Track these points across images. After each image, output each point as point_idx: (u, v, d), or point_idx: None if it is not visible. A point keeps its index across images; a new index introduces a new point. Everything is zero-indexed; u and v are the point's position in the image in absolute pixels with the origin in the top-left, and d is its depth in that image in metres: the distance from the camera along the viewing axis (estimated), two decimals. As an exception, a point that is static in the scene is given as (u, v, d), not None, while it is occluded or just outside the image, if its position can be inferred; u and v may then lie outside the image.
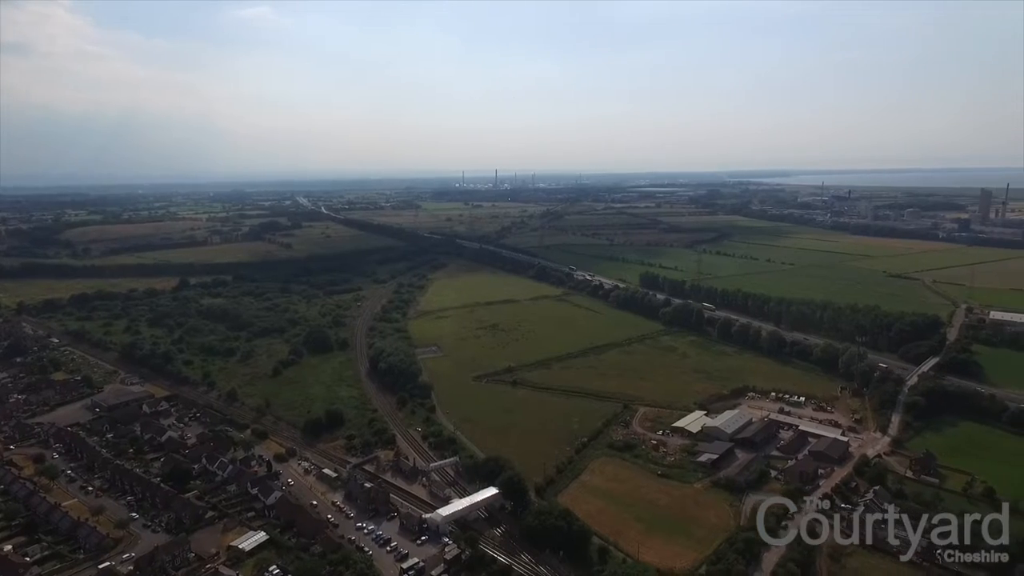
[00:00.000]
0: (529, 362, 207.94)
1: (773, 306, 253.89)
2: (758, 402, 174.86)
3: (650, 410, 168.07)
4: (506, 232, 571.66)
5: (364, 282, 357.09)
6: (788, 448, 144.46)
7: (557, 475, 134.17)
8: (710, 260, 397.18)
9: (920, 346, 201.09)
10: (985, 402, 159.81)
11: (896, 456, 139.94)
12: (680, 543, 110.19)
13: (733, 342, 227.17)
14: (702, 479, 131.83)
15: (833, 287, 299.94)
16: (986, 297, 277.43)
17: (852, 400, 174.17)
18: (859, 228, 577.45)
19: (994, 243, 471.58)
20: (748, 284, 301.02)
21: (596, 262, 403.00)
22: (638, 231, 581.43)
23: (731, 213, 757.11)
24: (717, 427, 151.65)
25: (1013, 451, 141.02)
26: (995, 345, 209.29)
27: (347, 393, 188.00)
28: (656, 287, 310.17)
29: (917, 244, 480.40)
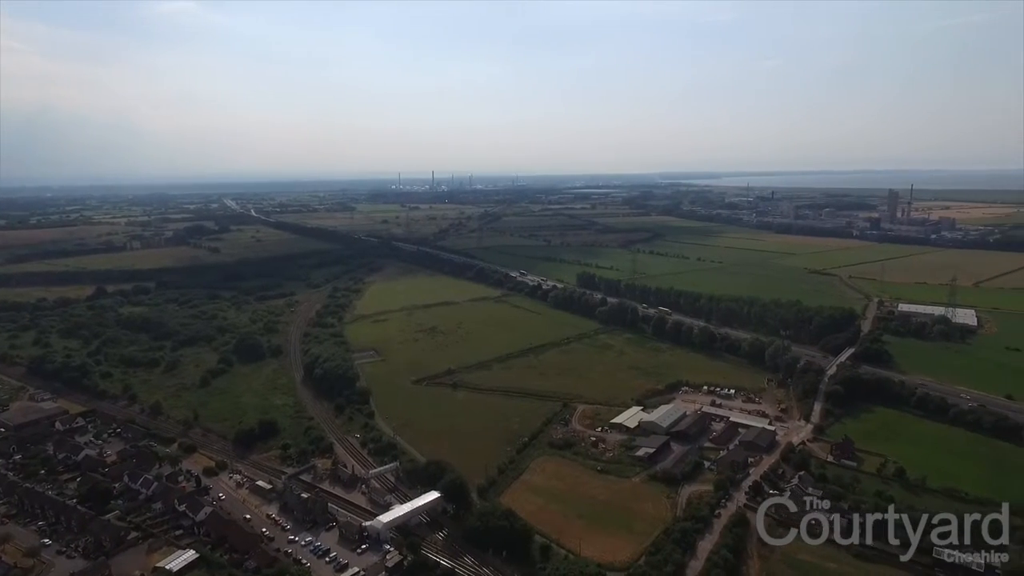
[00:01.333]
0: (469, 364, 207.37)
1: (704, 303, 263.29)
2: (691, 396, 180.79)
3: (589, 407, 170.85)
4: (444, 234, 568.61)
5: (297, 287, 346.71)
6: (720, 439, 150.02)
7: (499, 476, 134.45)
8: (644, 259, 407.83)
9: (838, 338, 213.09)
10: (896, 388, 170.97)
11: (818, 442, 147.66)
12: (620, 536, 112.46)
13: (667, 339, 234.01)
14: (640, 473, 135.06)
15: (759, 284, 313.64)
16: (895, 291, 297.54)
17: (778, 391, 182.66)
18: (782, 227, 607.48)
19: (901, 240, 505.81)
20: (680, 282, 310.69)
21: (534, 263, 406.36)
22: (575, 232, 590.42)
23: (663, 214, 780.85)
24: (653, 421, 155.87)
25: (920, 433, 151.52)
26: (903, 335, 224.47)
27: (281, 401, 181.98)
28: (593, 287, 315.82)
29: (834, 242, 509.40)
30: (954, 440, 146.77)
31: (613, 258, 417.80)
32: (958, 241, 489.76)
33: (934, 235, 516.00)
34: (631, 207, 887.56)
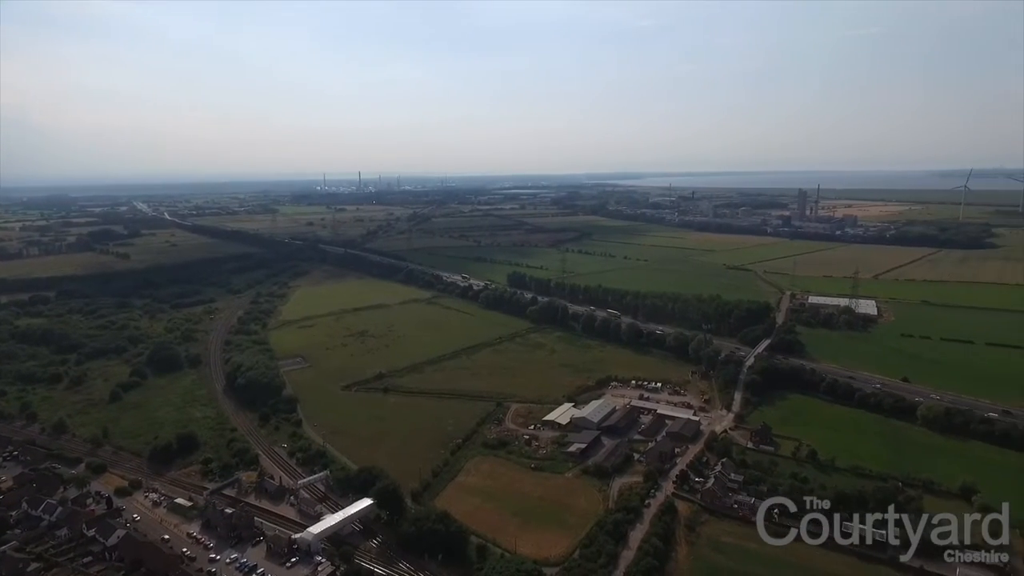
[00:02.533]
0: (400, 367, 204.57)
1: (631, 300, 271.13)
2: (620, 390, 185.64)
3: (522, 406, 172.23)
4: (372, 236, 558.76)
5: (217, 293, 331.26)
6: (648, 431, 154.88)
7: (433, 479, 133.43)
8: (573, 258, 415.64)
9: (755, 330, 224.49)
10: (808, 376, 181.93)
11: (739, 430, 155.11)
12: (555, 531, 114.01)
13: (596, 335, 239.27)
14: (573, 468, 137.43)
15: (682, 280, 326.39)
16: (805, 284, 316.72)
17: (702, 382, 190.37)
18: (702, 225, 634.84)
19: (810, 236, 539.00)
20: (608, 280, 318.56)
21: (465, 263, 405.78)
22: (504, 232, 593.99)
23: (590, 214, 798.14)
24: (585, 417, 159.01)
25: (830, 416, 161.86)
26: (813, 326, 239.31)
27: (201, 414, 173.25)
28: (524, 286, 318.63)
29: (750, 239, 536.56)
30: (859, 421, 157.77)
31: (543, 257, 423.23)
32: (860, 237, 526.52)
33: (839, 231, 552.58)
34: (559, 207, 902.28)
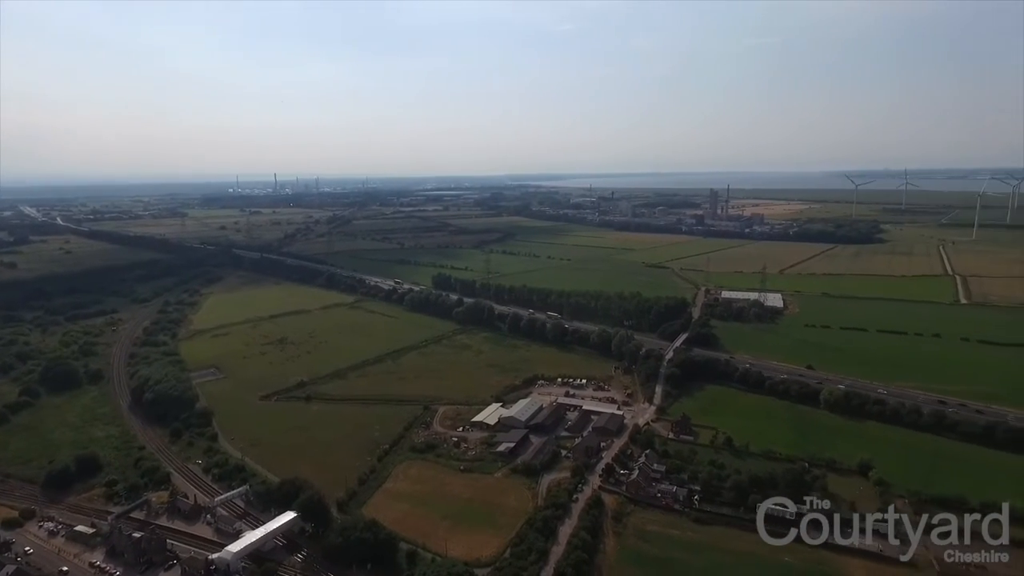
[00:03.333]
0: (323, 374, 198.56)
1: (555, 299, 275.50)
2: (547, 388, 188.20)
3: (450, 408, 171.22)
4: (290, 239, 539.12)
5: (120, 303, 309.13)
6: (575, 427, 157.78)
7: (360, 487, 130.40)
8: (498, 259, 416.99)
9: (673, 325, 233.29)
10: (723, 367, 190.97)
11: (661, 422, 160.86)
12: (485, 532, 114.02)
13: (522, 335, 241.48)
14: (502, 468, 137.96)
15: (604, 278, 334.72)
16: (718, 280, 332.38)
17: (624, 377, 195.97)
18: (621, 225, 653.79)
19: (721, 234, 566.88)
20: (532, 280, 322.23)
21: (389, 266, 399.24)
22: (428, 234, 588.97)
23: (514, 214, 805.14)
24: (512, 416, 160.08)
25: (744, 404, 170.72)
26: (726, 319, 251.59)
27: (104, 433, 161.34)
28: (449, 288, 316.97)
29: (667, 237, 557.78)
30: (770, 408, 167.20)
31: (468, 259, 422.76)
32: (766, 234, 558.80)
33: (747, 229, 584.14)
34: (483, 208, 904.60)
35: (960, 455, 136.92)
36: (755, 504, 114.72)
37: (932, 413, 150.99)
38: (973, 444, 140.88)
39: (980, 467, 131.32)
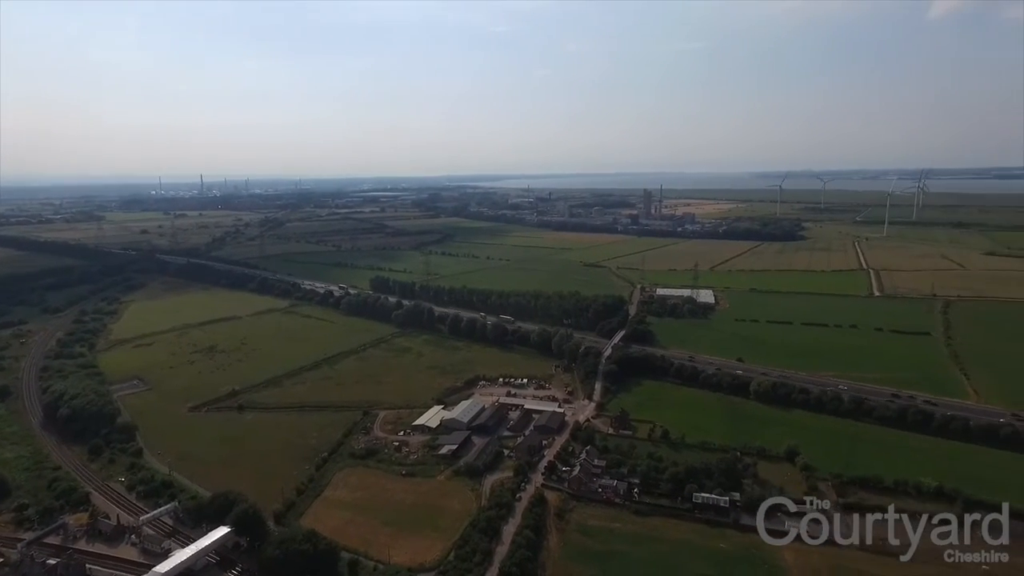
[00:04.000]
0: (257, 382, 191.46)
1: (495, 299, 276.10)
2: (489, 389, 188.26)
3: (391, 412, 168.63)
4: (219, 243, 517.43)
5: (29, 313, 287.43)
6: (517, 427, 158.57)
7: (298, 497, 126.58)
8: (437, 260, 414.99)
9: (611, 322, 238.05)
10: (659, 362, 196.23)
11: (601, 418, 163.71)
12: (429, 536, 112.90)
13: (463, 336, 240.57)
14: (444, 470, 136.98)
15: (543, 278, 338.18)
16: (653, 277, 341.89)
17: (565, 375, 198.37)
18: (559, 225, 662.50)
19: (655, 233, 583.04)
20: (473, 281, 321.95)
21: (325, 269, 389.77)
22: (365, 236, 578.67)
23: (452, 215, 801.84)
24: (454, 418, 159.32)
25: (679, 398, 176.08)
26: (661, 316, 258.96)
27: (12, 453, 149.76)
28: (387, 290, 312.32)
29: (603, 236, 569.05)
30: (704, 401, 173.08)
31: (406, 260, 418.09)
32: (697, 232, 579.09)
33: (680, 228, 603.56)
34: (421, 209, 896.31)
35: (877, 438, 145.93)
36: (691, 494, 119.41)
37: (851, 400, 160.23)
38: (888, 427, 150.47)
39: (895, 448, 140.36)
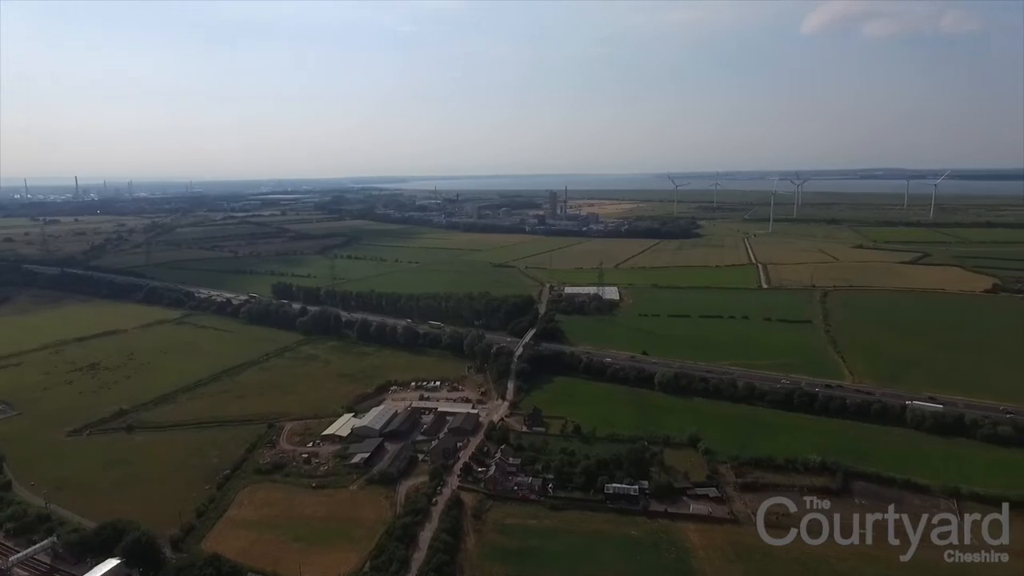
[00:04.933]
0: (147, 400, 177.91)
1: (405, 302, 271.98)
2: (401, 393, 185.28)
3: (298, 424, 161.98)
4: (99, 251, 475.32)
5: None
6: (430, 430, 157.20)
7: (198, 519, 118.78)
8: (343, 264, 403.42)
9: (522, 321, 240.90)
10: (569, 359, 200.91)
11: (514, 416, 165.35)
12: (343, 549, 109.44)
13: (372, 341, 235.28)
14: (357, 480, 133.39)
15: (453, 279, 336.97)
16: (561, 276, 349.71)
17: (478, 376, 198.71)
18: (468, 226, 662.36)
19: (561, 233, 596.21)
20: (381, 284, 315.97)
21: (222, 277, 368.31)
22: (265, 240, 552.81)
23: (358, 218, 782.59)
24: (366, 426, 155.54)
25: (589, 393, 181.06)
26: (570, 313, 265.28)
27: None
28: (291, 297, 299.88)
29: (511, 237, 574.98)
30: (612, 394, 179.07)
31: (311, 265, 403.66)
32: (601, 231, 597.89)
33: (584, 228, 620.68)
34: (325, 212, 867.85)
35: (769, 420, 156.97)
36: (603, 485, 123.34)
37: (745, 386, 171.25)
38: (778, 409, 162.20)
39: (784, 429, 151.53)
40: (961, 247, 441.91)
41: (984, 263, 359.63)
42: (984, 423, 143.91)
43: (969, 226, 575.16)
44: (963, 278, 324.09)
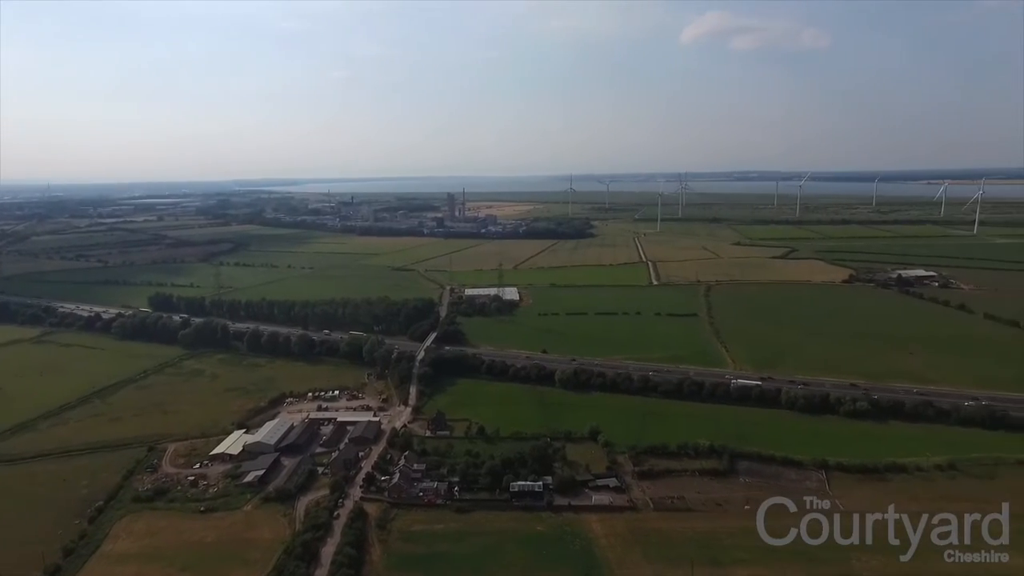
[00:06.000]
0: (2, 430, 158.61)
1: (299, 310, 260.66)
2: (297, 405, 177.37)
3: (182, 444, 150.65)
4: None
5: None
6: (330, 442, 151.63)
7: (67, 558, 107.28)
8: (230, 272, 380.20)
9: (423, 325, 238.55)
10: (471, 361, 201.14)
11: (417, 422, 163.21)
12: (237, 573, 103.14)
13: (265, 352, 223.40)
14: (251, 499, 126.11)
15: (350, 285, 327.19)
16: (461, 278, 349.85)
17: (379, 383, 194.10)
18: (364, 229, 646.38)
19: (460, 235, 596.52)
20: (273, 292, 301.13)
21: (89, 289, 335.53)
22: (140, 249, 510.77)
23: (245, 223, 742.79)
24: (260, 441, 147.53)
25: (492, 393, 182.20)
26: (471, 315, 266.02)
27: None
28: (172, 308, 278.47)
29: (410, 240, 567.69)
30: (515, 393, 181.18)
31: (193, 274, 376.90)
32: (500, 233, 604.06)
33: (483, 230, 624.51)
34: (208, 217, 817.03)
35: (662, 410, 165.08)
36: (508, 484, 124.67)
37: (640, 378, 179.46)
38: (670, 399, 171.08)
39: (676, 417, 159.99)
40: (822, 242, 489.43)
41: (842, 256, 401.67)
42: (846, 400, 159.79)
43: (828, 223, 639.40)
44: (825, 270, 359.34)
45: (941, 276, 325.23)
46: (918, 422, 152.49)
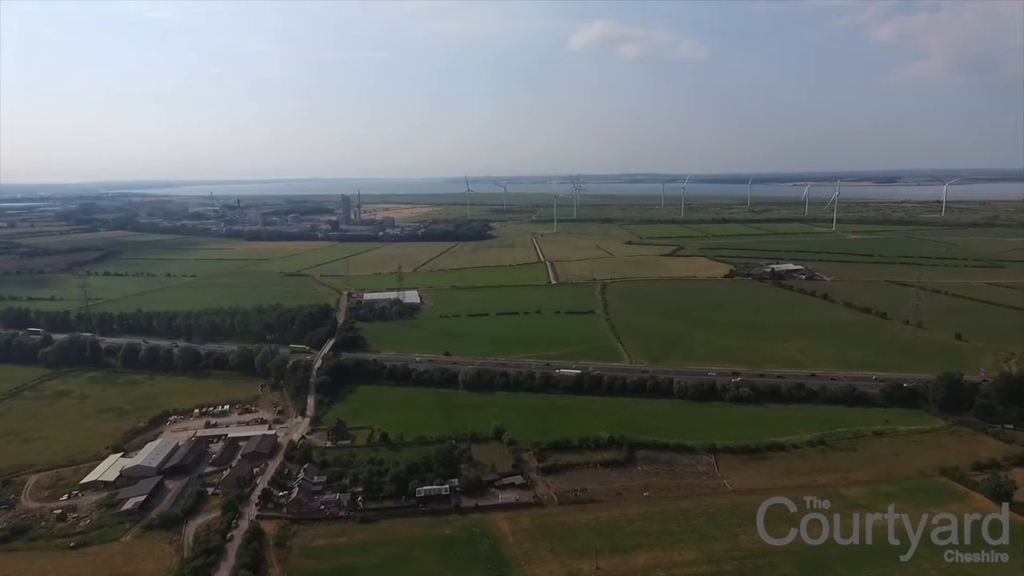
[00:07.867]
0: None
1: (182, 321, 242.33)
2: (182, 423, 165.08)
3: (45, 475, 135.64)
4: None
5: None
6: (221, 459, 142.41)
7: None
8: (99, 283, 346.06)
9: (319, 332, 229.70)
10: (372, 367, 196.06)
11: (317, 432, 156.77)
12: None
13: (143, 368, 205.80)
14: (131, 528, 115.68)
15: (239, 293, 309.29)
16: (359, 282, 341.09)
17: (273, 394, 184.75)
18: (252, 234, 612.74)
19: (357, 238, 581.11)
20: (151, 303, 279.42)
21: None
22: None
23: (115, 228, 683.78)
24: (139, 465, 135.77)
25: (395, 399, 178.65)
26: (370, 320, 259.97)
27: None
28: (29, 324, 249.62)
29: (303, 245, 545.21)
30: (418, 398, 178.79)
31: (55, 286, 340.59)
32: (398, 236, 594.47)
33: (381, 232, 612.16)
34: (71, 223, 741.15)
35: (563, 406, 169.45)
36: (414, 489, 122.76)
37: (541, 376, 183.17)
38: (571, 395, 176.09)
39: (577, 412, 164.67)
40: (705, 240, 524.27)
41: (723, 253, 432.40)
42: (729, 387, 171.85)
43: (710, 222, 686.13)
44: (708, 266, 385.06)
45: (807, 269, 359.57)
46: (792, 403, 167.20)
